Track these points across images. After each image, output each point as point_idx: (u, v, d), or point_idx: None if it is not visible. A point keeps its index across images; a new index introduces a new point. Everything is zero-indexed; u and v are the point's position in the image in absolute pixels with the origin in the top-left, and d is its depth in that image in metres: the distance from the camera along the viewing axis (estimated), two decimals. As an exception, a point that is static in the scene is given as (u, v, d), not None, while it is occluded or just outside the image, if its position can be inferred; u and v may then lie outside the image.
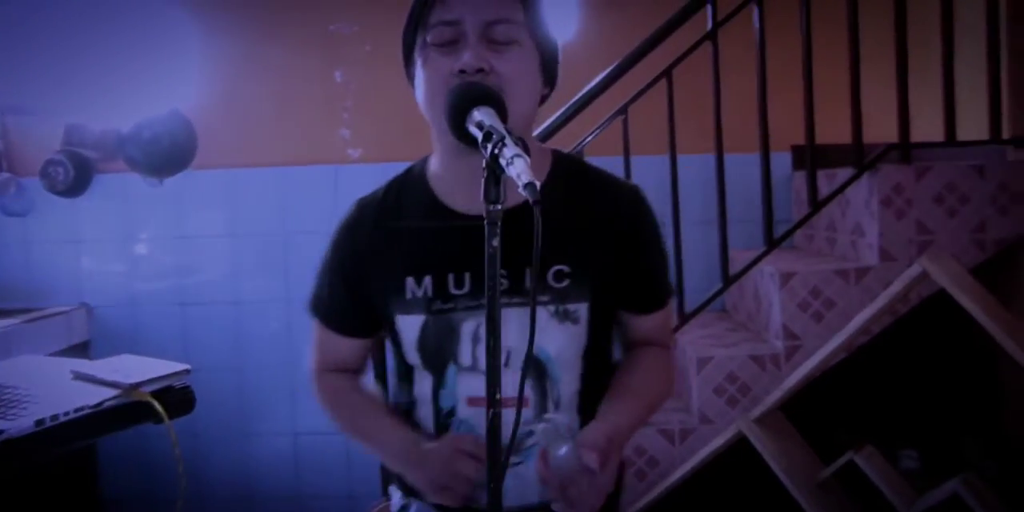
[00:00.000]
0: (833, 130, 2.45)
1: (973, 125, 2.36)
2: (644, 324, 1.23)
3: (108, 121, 3.04)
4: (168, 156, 3.09)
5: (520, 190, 0.83)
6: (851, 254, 2.49)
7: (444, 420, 1.17)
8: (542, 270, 1.12)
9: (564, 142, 2.37)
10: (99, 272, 3.19)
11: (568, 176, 1.19)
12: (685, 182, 2.38)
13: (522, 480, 1.13)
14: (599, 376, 1.19)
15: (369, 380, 1.36)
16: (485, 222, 0.90)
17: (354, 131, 3.14)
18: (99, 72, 3.08)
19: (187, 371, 1.36)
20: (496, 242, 0.91)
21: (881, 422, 2.57)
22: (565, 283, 1.12)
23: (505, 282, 1.11)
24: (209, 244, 3.18)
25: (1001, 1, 2.28)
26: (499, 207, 0.90)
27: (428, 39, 1.07)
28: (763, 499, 2.11)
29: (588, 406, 1.16)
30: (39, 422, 1.14)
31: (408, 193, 1.19)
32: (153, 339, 3.15)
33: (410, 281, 1.14)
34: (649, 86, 2.36)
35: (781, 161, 2.79)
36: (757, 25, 2.30)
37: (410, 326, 1.15)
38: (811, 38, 2.29)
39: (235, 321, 3.18)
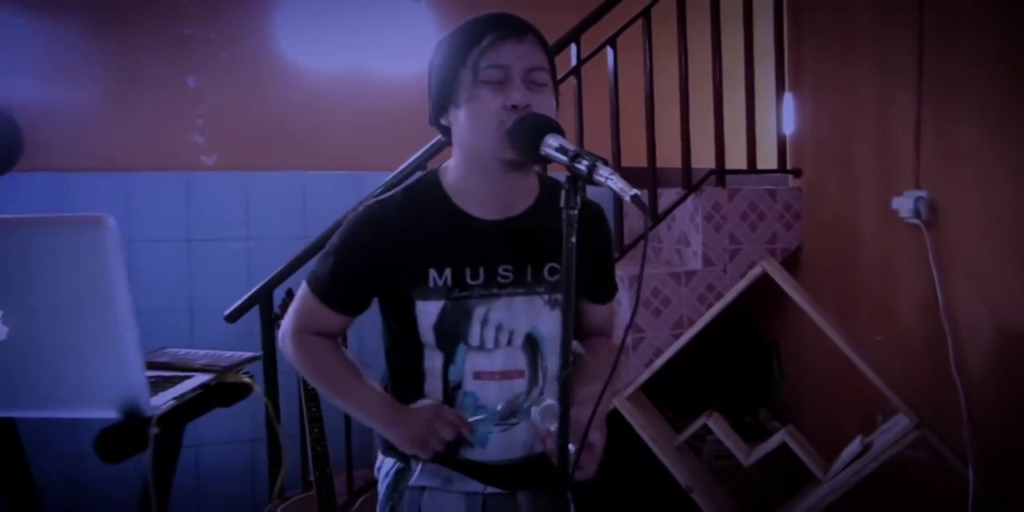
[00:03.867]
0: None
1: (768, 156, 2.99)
2: (599, 312, 1.51)
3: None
4: (-11, 156, 2.82)
5: (627, 199, 1.05)
6: (677, 260, 3.00)
7: (452, 392, 1.37)
8: (539, 265, 1.36)
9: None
10: None
11: (552, 193, 1.40)
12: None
13: (522, 435, 1.38)
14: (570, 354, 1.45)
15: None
16: (563, 223, 1.10)
17: (208, 137, 3.09)
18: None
19: (258, 357, 1.43)
20: (573, 239, 1.12)
21: (695, 399, 3.10)
22: (556, 277, 1.36)
23: (510, 276, 1.34)
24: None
25: (786, 63, 2.93)
26: (575, 212, 1.11)
27: (480, 78, 1.26)
28: (632, 461, 2.50)
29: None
30: (178, 398, 1.19)
31: (425, 199, 1.37)
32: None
33: (432, 272, 1.32)
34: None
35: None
36: (611, 65, 2.73)
37: (429, 310, 1.33)
38: (653, 80, 2.77)
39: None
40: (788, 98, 2.96)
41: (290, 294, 2.52)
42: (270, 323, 2.63)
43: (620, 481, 2.84)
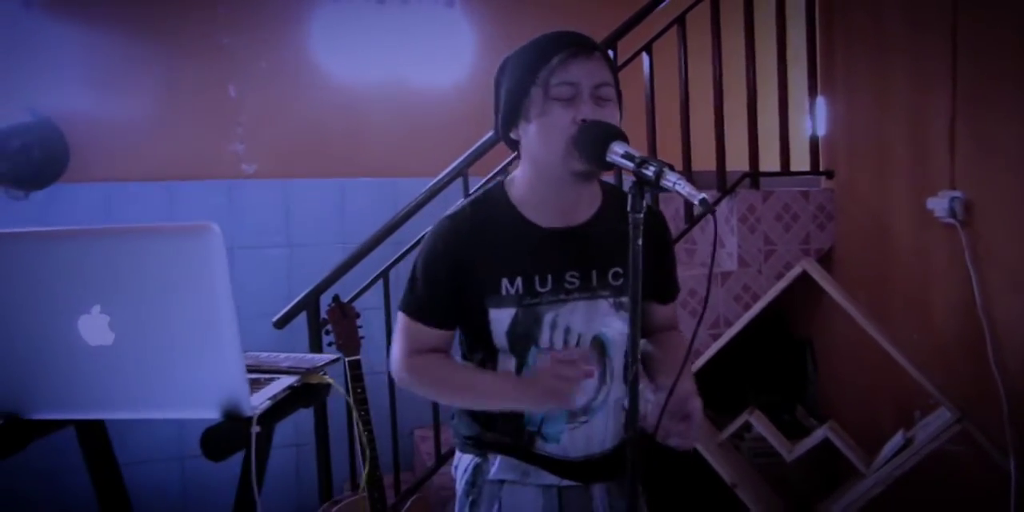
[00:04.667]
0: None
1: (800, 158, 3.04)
2: (664, 311, 1.57)
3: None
4: (39, 168, 2.89)
5: (696, 202, 1.10)
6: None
7: None
8: (604, 271, 1.41)
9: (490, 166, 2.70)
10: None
11: (615, 201, 1.46)
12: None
13: (591, 432, 1.44)
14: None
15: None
16: (630, 226, 1.16)
17: (249, 146, 3.16)
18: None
19: (338, 359, 1.49)
20: (640, 241, 1.17)
21: (733, 398, 3.14)
22: (620, 281, 1.42)
23: (576, 281, 1.40)
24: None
25: (818, 66, 2.98)
26: (641, 215, 1.17)
27: (551, 95, 1.32)
28: (676, 458, 2.55)
29: (627, 377, 1.45)
30: (272, 398, 1.26)
31: (493, 210, 1.42)
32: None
33: (504, 281, 1.38)
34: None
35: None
36: (647, 70, 2.79)
37: (502, 318, 1.38)
38: (688, 86, 2.83)
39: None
40: (820, 101, 3.00)
41: (336, 300, 2.57)
42: (317, 329, 2.68)
43: (665, 478, 2.88)
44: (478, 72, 3.36)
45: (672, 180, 1.13)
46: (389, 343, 2.70)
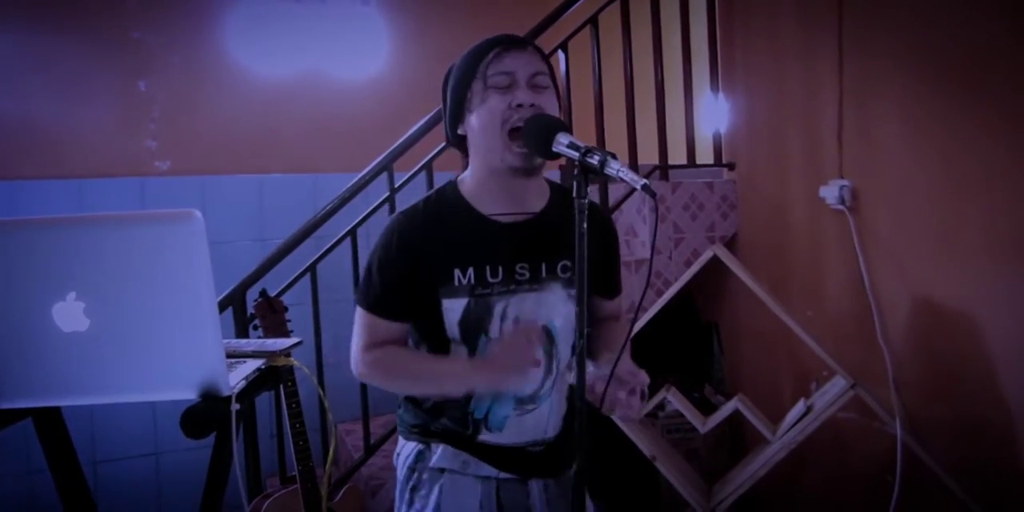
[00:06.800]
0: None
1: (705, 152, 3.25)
2: (609, 305, 1.68)
3: None
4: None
5: (639, 188, 1.21)
6: (625, 250, 3.21)
7: None
8: (552, 264, 1.50)
9: (414, 161, 2.76)
10: None
11: (562, 198, 1.55)
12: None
13: (535, 420, 1.52)
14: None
15: None
16: (575, 211, 1.25)
17: (161, 142, 3.09)
18: None
19: (300, 343, 1.52)
20: (585, 225, 1.25)
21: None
22: (568, 274, 1.51)
23: (526, 273, 1.49)
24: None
25: (720, 65, 3.20)
26: (586, 200, 1.26)
27: (488, 84, 1.42)
28: (600, 436, 2.70)
29: (575, 349, 1.58)
30: (246, 378, 1.28)
31: (446, 205, 1.50)
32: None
33: (457, 272, 1.45)
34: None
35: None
36: (563, 68, 2.92)
37: (455, 307, 1.46)
38: (602, 84, 2.98)
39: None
40: (722, 97, 3.23)
41: (264, 294, 2.58)
42: (244, 324, 2.68)
43: (591, 454, 3.02)
44: (394, 70, 3.42)
45: (615, 168, 1.23)
46: (317, 336, 2.74)
